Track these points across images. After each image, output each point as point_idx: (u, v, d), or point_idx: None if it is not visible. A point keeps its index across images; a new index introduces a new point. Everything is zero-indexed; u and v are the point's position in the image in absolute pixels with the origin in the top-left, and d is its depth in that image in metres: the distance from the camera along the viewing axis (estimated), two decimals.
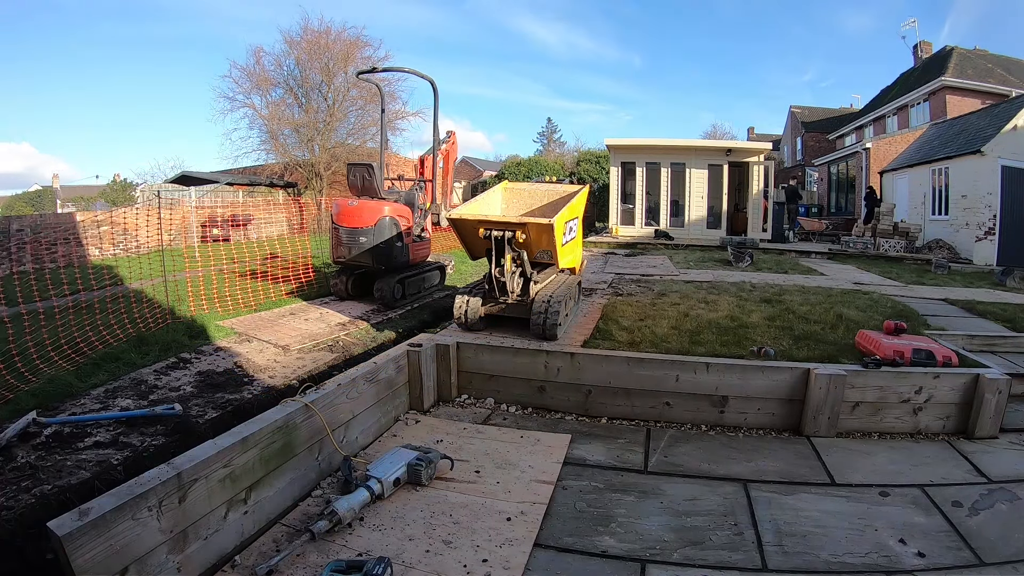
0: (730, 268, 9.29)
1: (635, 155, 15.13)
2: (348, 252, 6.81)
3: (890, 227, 13.62)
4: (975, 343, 4.78)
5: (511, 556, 2.28)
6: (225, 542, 2.24)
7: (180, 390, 4.24)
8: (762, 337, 4.63)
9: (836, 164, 20.67)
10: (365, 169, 7.11)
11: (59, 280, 6.47)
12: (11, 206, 33.67)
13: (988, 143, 12.07)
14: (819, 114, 28.91)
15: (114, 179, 38.52)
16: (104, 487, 2.37)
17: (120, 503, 1.84)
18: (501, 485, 2.86)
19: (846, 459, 3.24)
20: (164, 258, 6.85)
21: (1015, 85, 17.88)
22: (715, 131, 42.80)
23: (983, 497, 2.81)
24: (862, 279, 8.52)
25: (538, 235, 4.46)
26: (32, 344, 4.52)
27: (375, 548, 2.30)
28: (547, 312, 4.39)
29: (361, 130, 20.35)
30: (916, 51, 23.12)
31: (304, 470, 2.74)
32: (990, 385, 3.45)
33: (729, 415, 3.68)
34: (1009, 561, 2.32)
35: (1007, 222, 11.81)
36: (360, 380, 3.28)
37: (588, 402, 3.88)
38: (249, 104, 19.53)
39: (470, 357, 4.15)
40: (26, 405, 3.70)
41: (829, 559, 2.33)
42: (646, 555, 2.35)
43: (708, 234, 14.52)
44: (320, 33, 19.28)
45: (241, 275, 8.17)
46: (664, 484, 2.94)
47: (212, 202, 15.65)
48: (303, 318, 6.42)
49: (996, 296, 7.31)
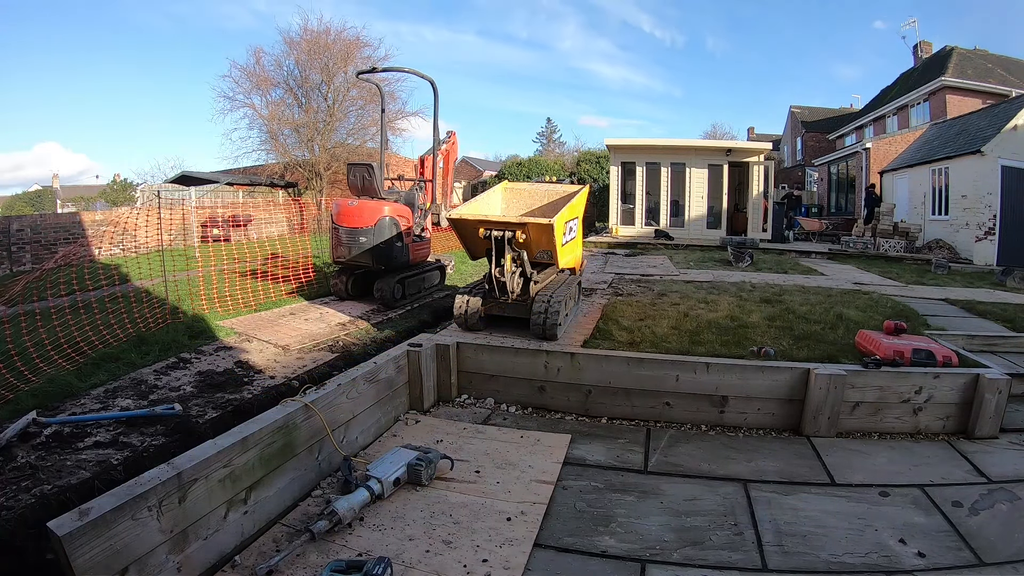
0: (730, 268, 9.29)
1: (635, 155, 15.13)
2: (348, 252, 6.80)
3: (890, 227, 13.63)
4: (975, 343, 4.78)
5: (511, 556, 2.28)
6: (225, 542, 2.24)
7: (180, 390, 4.24)
8: (762, 337, 4.63)
9: (836, 164, 20.66)
10: (365, 169, 7.10)
11: (57, 280, 6.46)
12: (11, 206, 33.67)
13: (988, 143, 12.07)
14: (819, 114, 28.91)
15: (114, 179, 38.56)
16: (104, 487, 2.37)
17: (120, 503, 1.84)
18: (501, 485, 2.86)
19: (846, 459, 3.24)
20: (164, 258, 6.85)
21: (1015, 85, 17.88)
22: (715, 131, 42.82)
23: (983, 497, 2.81)
24: (862, 279, 8.52)
25: (538, 235, 4.46)
26: (32, 344, 4.52)
27: (375, 548, 2.30)
28: (547, 312, 4.39)
29: (361, 130, 20.33)
30: (916, 51, 23.12)
31: (304, 470, 2.74)
32: (990, 385, 3.45)
33: (729, 415, 3.68)
34: (1009, 561, 2.32)
35: (1007, 222, 11.81)
36: (360, 380, 3.28)
37: (588, 402, 3.88)
38: (249, 104, 19.50)
39: (470, 357, 4.15)
40: (26, 405, 3.70)
41: (829, 559, 2.33)
42: (646, 555, 2.35)
43: (708, 234, 14.52)
44: (320, 33, 19.26)
45: (241, 275, 8.17)
46: (664, 484, 2.94)
47: (212, 202, 15.63)
48: (303, 318, 6.42)
49: (996, 296, 7.31)
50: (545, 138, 44.71)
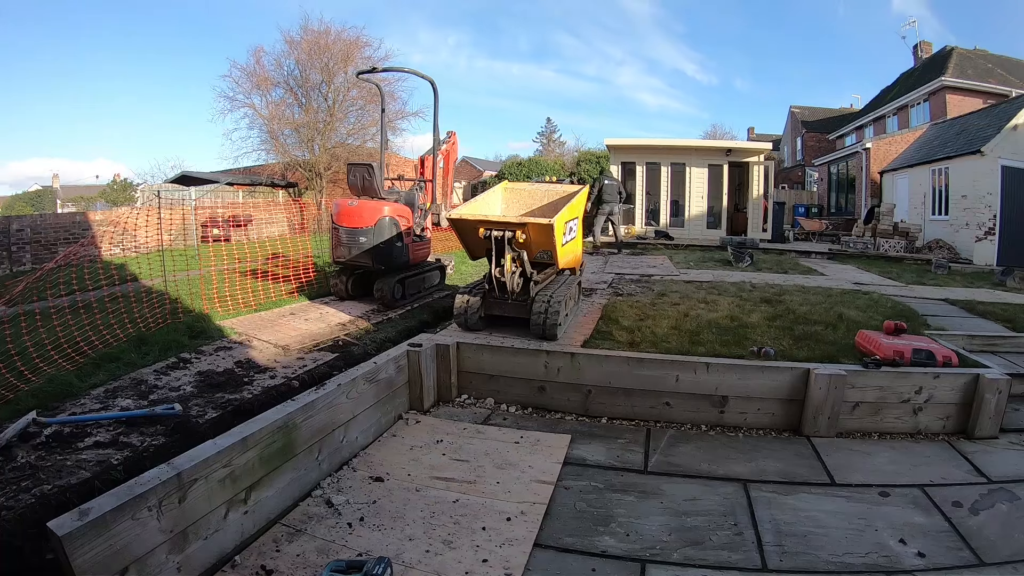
0: (730, 268, 9.29)
1: (635, 155, 15.14)
2: (348, 252, 6.80)
3: (890, 227, 13.63)
4: (975, 343, 4.77)
5: (511, 556, 2.28)
6: (225, 542, 2.24)
7: (180, 390, 4.24)
8: (762, 337, 4.63)
9: (836, 164, 20.68)
10: (365, 169, 7.11)
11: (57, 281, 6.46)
12: (11, 206, 33.67)
13: (988, 143, 12.08)
14: (819, 114, 28.94)
15: (114, 179, 38.57)
16: (104, 487, 2.37)
17: (120, 503, 1.84)
18: (501, 485, 2.86)
19: (846, 459, 3.24)
20: (164, 258, 6.85)
21: (1015, 85, 17.90)
22: (715, 131, 42.85)
23: (983, 497, 2.81)
24: (862, 279, 8.52)
25: (538, 235, 4.46)
26: (31, 344, 4.52)
27: (375, 548, 2.30)
28: (547, 312, 4.39)
29: (361, 130, 20.33)
30: (916, 51, 23.15)
31: (304, 470, 2.74)
32: (990, 385, 3.45)
33: (729, 415, 3.68)
34: (1009, 561, 2.32)
35: (1007, 222, 11.81)
36: (360, 380, 3.28)
37: (588, 402, 3.88)
38: (249, 104, 19.51)
39: (470, 357, 4.15)
40: (26, 405, 3.70)
41: (829, 559, 2.33)
42: (646, 555, 2.34)
43: (708, 234, 14.53)
44: (320, 33, 19.27)
45: (241, 275, 8.17)
46: (664, 484, 2.94)
47: (212, 202, 15.64)
48: (303, 318, 6.42)
49: (996, 296, 7.31)
50: (545, 138, 44.70)
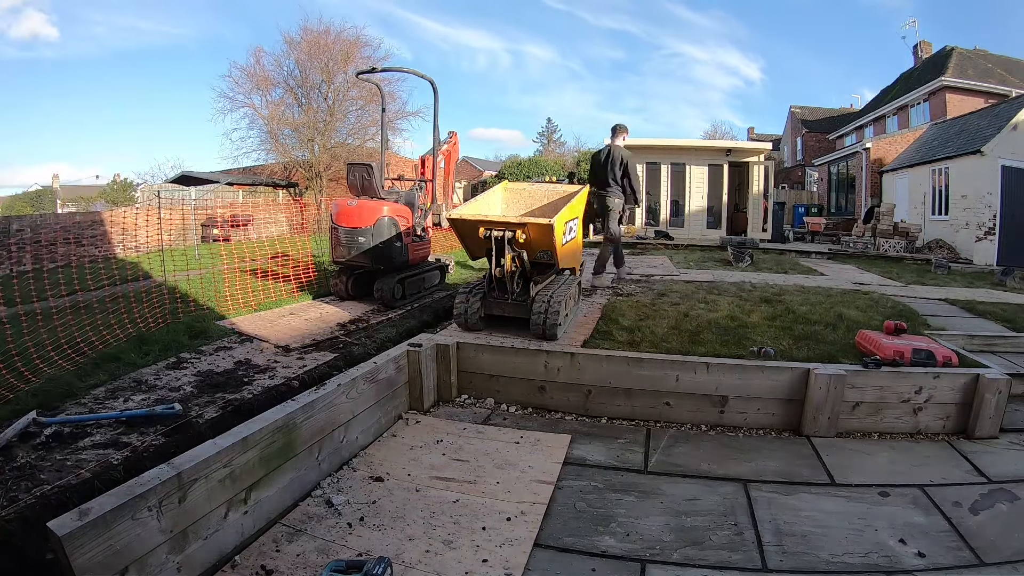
0: (730, 268, 9.29)
1: (635, 155, 15.11)
2: (347, 252, 6.80)
3: (890, 227, 13.63)
4: (975, 343, 4.77)
5: (511, 556, 2.28)
6: (225, 542, 2.24)
7: (180, 390, 4.23)
8: (762, 337, 4.63)
9: (836, 164, 20.68)
10: (365, 169, 7.10)
11: (57, 281, 6.46)
12: (11, 206, 33.66)
13: (988, 143, 12.08)
14: (819, 114, 28.94)
15: (114, 179, 38.55)
16: (104, 487, 2.37)
17: (120, 503, 1.84)
18: (501, 485, 2.86)
19: (846, 459, 3.24)
20: (164, 258, 6.85)
21: (1015, 85, 17.90)
22: (715, 131, 42.85)
23: (983, 497, 2.81)
24: (862, 279, 8.52)
25: (538, 235, 4.46)
26: (32, 344, 4.52)
27: (375, 548, 2.30)
28: (547, 312, 4.39)
29: (361, 130, 20.37)
30: (916, 51, 23.15)
31: (304, 470, 2.74)
32: (990, 385, 3.45)
33: (729, 415, 3.68)
34: (1009, 561, 2.32)
35: (1007, 222, 11.82)
36: (360, 380, 3.27)
37: (588, 402, 3.88)
38: (249, 104, 19.56)
39: (470, 357, 4.15)
40: (26, 405, 3.69)
41: (829, 559, 2.33)
42: (646, 555, 2.34)
43: (708, 234, 14.53)
44: (320, 33, 19.30)
45: (241, 274, 8.17)
46: (664, 484, 2.94)
47: (212, 202, 15.64)
48: (303, 318, 6.42)
49: (996, 296, 7.31)
50: (545, 138, 44.71)
